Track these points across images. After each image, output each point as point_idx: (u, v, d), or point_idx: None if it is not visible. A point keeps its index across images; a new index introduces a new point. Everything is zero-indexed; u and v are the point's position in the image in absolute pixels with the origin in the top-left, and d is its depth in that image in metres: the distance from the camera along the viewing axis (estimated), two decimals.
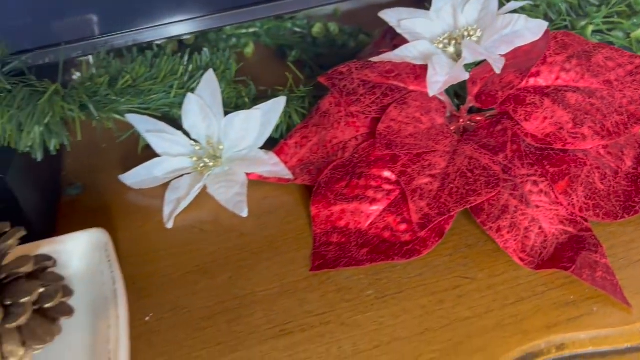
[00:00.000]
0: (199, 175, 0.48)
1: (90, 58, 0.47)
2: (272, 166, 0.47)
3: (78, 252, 0.39)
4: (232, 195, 0.46)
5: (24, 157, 0.43)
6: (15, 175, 0.40)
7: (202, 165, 0.48)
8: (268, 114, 0.49)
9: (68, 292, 0.35)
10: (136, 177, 0.49)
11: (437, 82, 0.44)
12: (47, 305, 0.34)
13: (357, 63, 0.47)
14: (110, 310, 0.35)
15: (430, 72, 0.44)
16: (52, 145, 0.44)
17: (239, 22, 0.53)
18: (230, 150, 0.49)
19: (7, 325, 0.32)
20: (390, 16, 0.49)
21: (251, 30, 0.65)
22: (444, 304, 0.37)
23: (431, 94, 0.43)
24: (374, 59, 0.47)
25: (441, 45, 0.47)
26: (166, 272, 0.42)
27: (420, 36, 0.47)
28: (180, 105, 0.49)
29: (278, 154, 0.48)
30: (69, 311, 0.35)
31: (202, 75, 0.49)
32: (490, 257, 0.40)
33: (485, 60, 0.46)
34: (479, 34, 0.47)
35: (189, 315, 0.38)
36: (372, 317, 0.37)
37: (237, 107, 0.50)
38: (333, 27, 0.63)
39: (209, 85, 0.48)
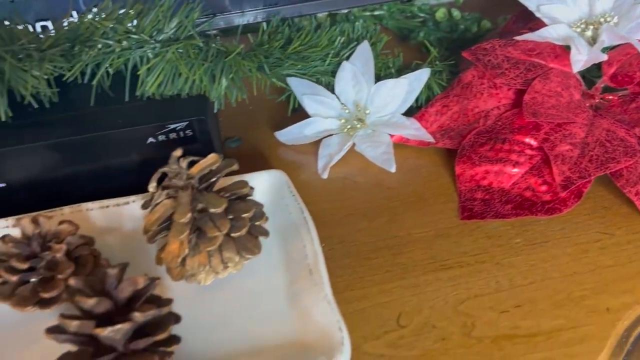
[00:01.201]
0: (346, 136, 0.54)
1: (265, 25, 0.53)
2: (415, 130, 0.53)
3: (261, 188, 0.45)
4: (379, 153, 0.52)
5: (211, 106, 0.49)
6: (210, 119, 0.47)
7: (349, 127, 0.54)
8: (413, 84, 0.54)
9: (266, 216, 0.41)
10: (288, 135, 0.55)
11: (580, 60, 0.49)
12: (256, 224, 0.40)
13: (499, 41, 0.52)
14: (302, 234, 0.41)
15: (573, 51, 0.49)
16: (233, 97, 0.50)
17: (371, 3, 0.59)
18: (375, 115, 0.54)
19: (232, 234, 0.38)
20: (530, 1, 0.54)
21: (376, 13, 0.70)
22: (588, 253, 0.42)
23: (575, 70, 0.48)
24: (518, 38, 0.52)
25: (578, 30, 0.51)
26: (328, 213, 0.47)
27: (558, 20, 0.52)
28: (330, 72, 0.55)
29: (419, 120, 0.53)
30: (266, 232, 0.41)
31: (354, 46, 0.55)
32: (627, 218, 0.44)
33: (619, 45, 0.50)
34: (615, 20, 0.51)
35: (356, 248, 0.44)
36: (524, 260, 0.42)
37: (381, 77, 0.56)
38: (456, 12, 0.68)
39: (363, 55, 0.54)
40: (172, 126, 0.45)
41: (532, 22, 0.55)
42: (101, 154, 0.46)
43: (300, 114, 0.56)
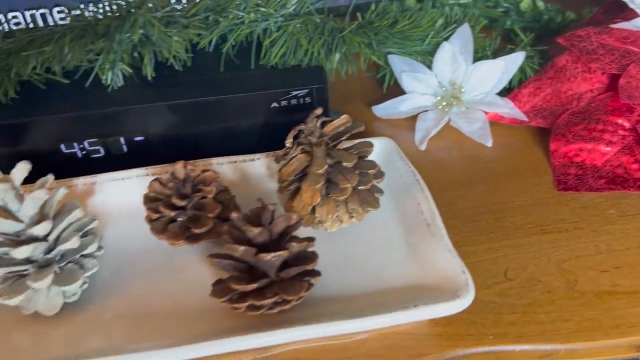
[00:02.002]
0: (441, 112, 0.57)
1: (374, 5, 0.57)
2: (509, 109, 0.56)
3: (372, 153, 0.49)
4: (476, 129, 0.56)
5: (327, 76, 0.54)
6: (327, 88, 0.51)
7: (444, 103, 0.58)
8: (508, 65, 0.57)
9: (384, 175, 0.45)
10: (384, 110, 0.59)
11: None
12: (375, 181, 0.44)
13: (594, 28, 0.55)
14: (415, 193, 0.45)
15: None
16: (343, 70, 0.54)
17: None
18: (470, 93, 0.58)
19: (359, 187, 0.42)
20: None
21: (462, 1, 0.74)
22: None
23: None
24: (613, 26, 0.55)
25: None
26: (428, 181, 0.51)
27: None
28: (427, 52, 0.59)
29: (512, 100, 0.57)
30: (381, 190, 0.45)
31: (452, 28, 0.59)
32: None
33: None
34: None
35: (459, 212, 0.48)
36: (619, 229, 0.45)
37: (477, 59, 0.59)
38: (540, 3, 0.71)
39: (463, 36, 0.58)
40: (295, 93, 0.50)
41: (625, 12, 0.58)
42: (228, 115, 0.51)
43: (390, 91, 0.60)
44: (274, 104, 0.51)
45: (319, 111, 0.42)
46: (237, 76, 0.51)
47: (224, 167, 0.49)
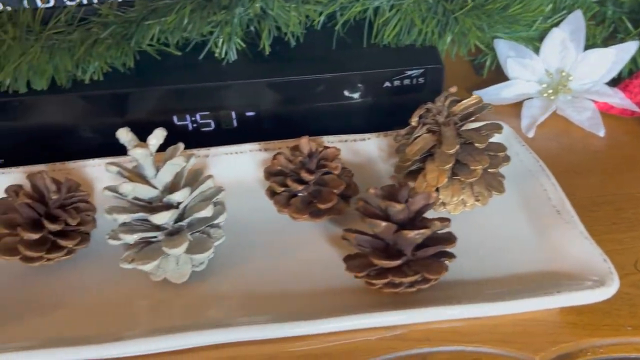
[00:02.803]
0: (547, 100, 0.56)
1: None
2: (619, 99, 0.55)
3: None
4: (585, 118, 0.54)
5: None
6: (443, 69, 0.50)
7: (550, 91, 0.56)
8: (620, 55, 0.56)
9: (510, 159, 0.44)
10: (485, 95, 0.58)
11: None
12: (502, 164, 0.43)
13: None
14: (540, 179, 0.44)
15: None
16: (454, 52, 0.53)
17: None
18: (578, 82, 0.56)
19: (489, 170, 0.41)
20: None
21: None
22: None
23: None
24: None
25: None
26: None
27: None
28: (533, 38, 0.57)
29: (622, 90, 0.55)
30: (502, 175, 0.44)
31: (562, 15, 0.57)
32: None
33: None
34: None
35: (576, 201, 0.46)
36: None
37: (586, 47, 0.58)
38: None
39: (574, 23, 0.56)
40: (409, 72, 0.49)
41: None
42: (340, 93, 0.50)
43: (487, 78, 0.58)
44: (387, 84, 0.50)
45: (454, 89, 0.41)
46: (349, 54, 0.51)
47: (334, 145, 0.49)
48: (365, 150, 0.49)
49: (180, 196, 0.37)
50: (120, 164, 0.39)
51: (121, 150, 0.51)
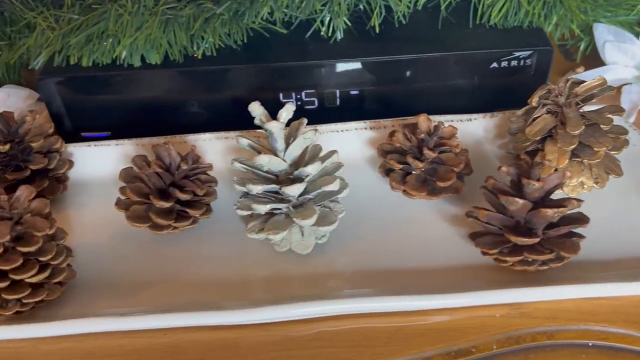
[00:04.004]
0: None
1: None
2: None
3: None
4: None
5: None
6: (553, 51, 0.50)
7: None
8: None
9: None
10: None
11: None
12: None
13: None
14: None
15: None
16: (557, 35, 0.53)
17: None
18: None
19: (612, 152, 0.41)
20: None
21: None
22: None
23: None
24: None
25: None
26: None
27: None
28: (631, 22, 0.56)
29: None
30: (617, 158, 0.44)
31: None
32: None
33: None
34: None
35: None
36: None
37: None
38: None
39: None
40: (518, 54, 0.49)
41: None
42: (445, 73, 0.50)
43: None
44: (494, 64, 0.50)
45: (580, 70, 0.41)
46: (456, 34, 0.51)
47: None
48: (470, 131, 0.49)
49: (313, 169, 0.38)
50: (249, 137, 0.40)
51: (225, 126, 0.53)
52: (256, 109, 0.39)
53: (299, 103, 0.51)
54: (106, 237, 0.43)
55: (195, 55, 0.49)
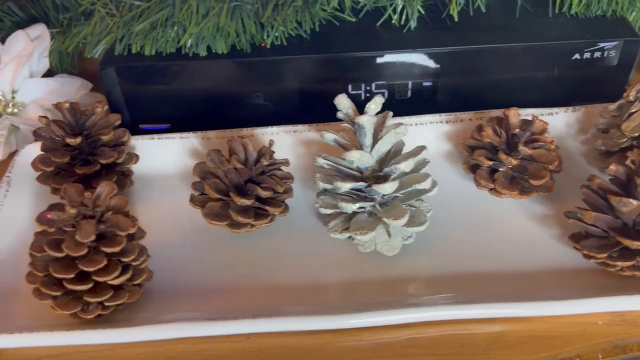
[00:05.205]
0: None
1: None
2: None
3: None
4: None
5: None
6: None
7: None
8: None
9: None
10: None
11: None
12: None
13: None
14: None
15: None
16: (637, 25, 0.50)
17: None
18: None
19: None
20: None
21: None
22: None
23: None
24: None
25: None
26: None
27: None
28: None
29: None
30: None
31: None
32: None
33: None
34: None
35: None
36: None
37: None
38: None
39: None
40: (603, 44, 0.47)
41: None
42: (524, 64, 0.48)
43: None
44: (576, 56, 0.47)
45: None
46: (535, 24, 0.48)
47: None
48: (552, 126, 0.46)
49: (406, 167, 0.35)
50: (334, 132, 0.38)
51: (289, 119, 0.50)
52: (343, 102, 0.36)
53: (368, 95, 0.49)
54: (177, 236, 0.41)
55: (264, 45, 0.47)
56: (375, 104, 0.36)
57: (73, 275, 0.31)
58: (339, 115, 0.38)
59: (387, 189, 0.35)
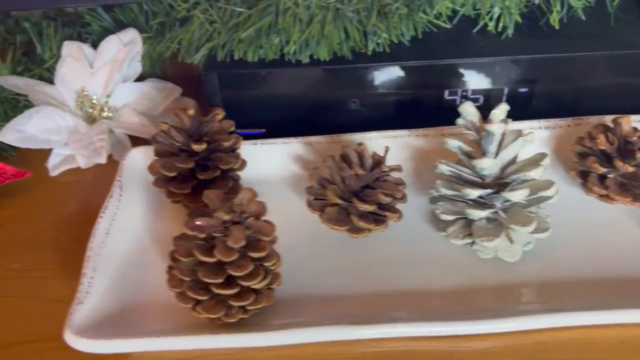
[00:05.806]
0: None
1: None
2: None
3: None
4: None
5: None
6: None
7: None
8: None
9: None
10: None
11: None
12: None
13: None
14: None
15: None
16: None
17: None
18: None
19: None
20: None
21: None
22: None
23: None
24: None
25: None
26: None
27: None
28: None
29: None
30: None
31: None
32: None
33: None
34: None
35: None
36: None
37: None
38: None
39: None
40: None
41: None
42: (621, 72, 0.48)
43: None
44: None
45: None
46: (633, 31, 0.49)
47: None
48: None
49: (536, 174, 0.36)
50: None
51: (384, 124, 0.51)
52: (469, 109, 0.37)
53: (462, 100, 0.49)
54: (293, 241, 0.42)
55: (364, 51, 0.47)
56: (501, 112, 0.37)
57: (222, 280, 0.32)
58: (459, 122, 0.39)
59: (518, 196, 0.36)
